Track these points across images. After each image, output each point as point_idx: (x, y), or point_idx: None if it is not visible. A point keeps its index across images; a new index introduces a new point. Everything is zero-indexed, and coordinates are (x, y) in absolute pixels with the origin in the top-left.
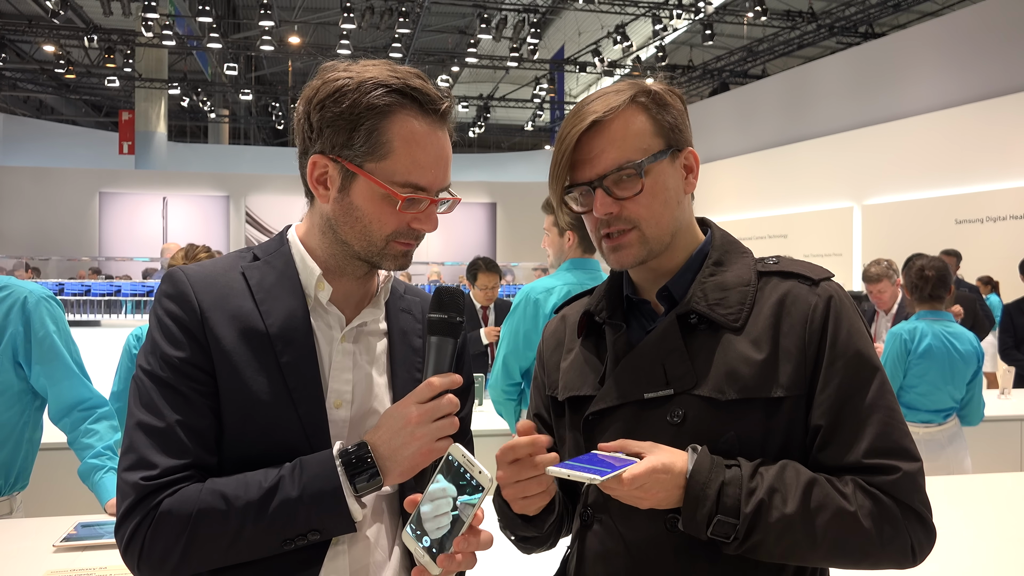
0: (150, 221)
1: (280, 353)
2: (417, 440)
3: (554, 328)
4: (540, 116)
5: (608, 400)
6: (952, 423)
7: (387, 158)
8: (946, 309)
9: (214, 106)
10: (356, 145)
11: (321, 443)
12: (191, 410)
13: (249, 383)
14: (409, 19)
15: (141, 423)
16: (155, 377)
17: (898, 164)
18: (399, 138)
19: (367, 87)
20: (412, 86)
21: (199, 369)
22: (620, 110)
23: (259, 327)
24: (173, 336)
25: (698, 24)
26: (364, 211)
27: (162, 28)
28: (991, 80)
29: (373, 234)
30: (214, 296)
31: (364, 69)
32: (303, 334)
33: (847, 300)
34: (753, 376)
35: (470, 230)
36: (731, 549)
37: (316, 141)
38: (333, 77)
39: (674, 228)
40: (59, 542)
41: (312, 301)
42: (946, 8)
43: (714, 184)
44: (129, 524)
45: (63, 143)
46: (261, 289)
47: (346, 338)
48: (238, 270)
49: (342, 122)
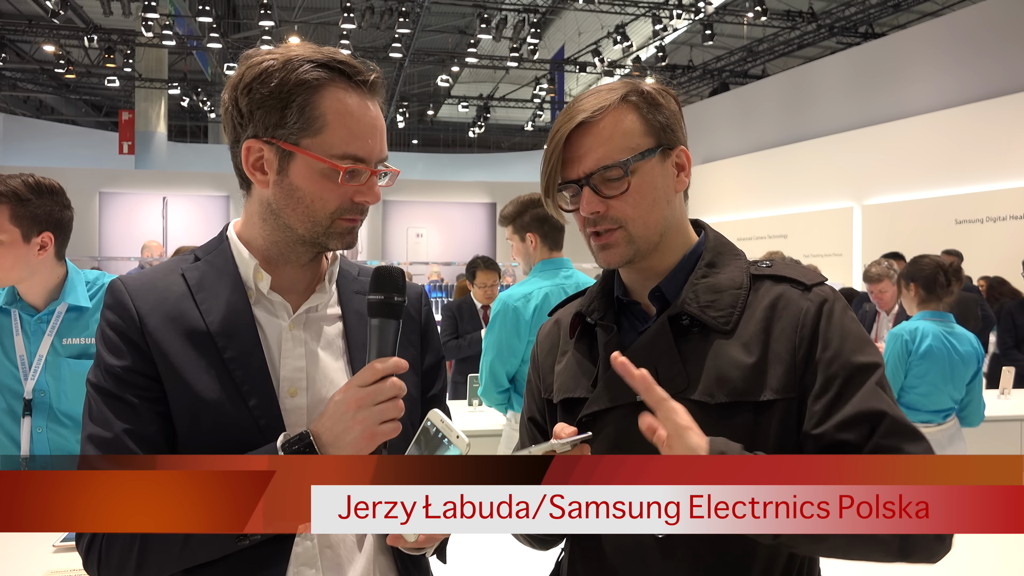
0: (150, 221)
1: (223, 349)
2: (359, 424)
3: (548, 331)
4: (540, 116)
5: (601, 403)
6: (951, 423)
7: (322, 132)
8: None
9: (214, 106)
10: (289, 123)
11: (275, 434)
12: (137, 418)
13: (194, 383)
14: (409, 19)
15: (91, 436)
16: (100, 389)
17: (898, 164)
18: (332, 111)
19: (294, 64)
20: (338, 59)
21: (142, 375)
22: (610, 109)
23: (199, 326)
24: (114, 346)
25: (698, 24)
26: (305, 190)
27: (162, 28)
28: (991, 80)
29: (317, 213)
30: (152, 301)
31: (288, 50)
32: (245, 327)
33: (840, 304)
34: (743, 379)
35: (470, 230)
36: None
37: (248, 126)
38: (258, 60)
39: (663, 228)
40: (59, 542)
41: (254, 293)
42: (946, 8)
43: (714, 184)
44: (85, 537)
45: (63, 143)
46: (200, 288)
47: (294, 325)
48: (178, 272)
49: (272, 101)
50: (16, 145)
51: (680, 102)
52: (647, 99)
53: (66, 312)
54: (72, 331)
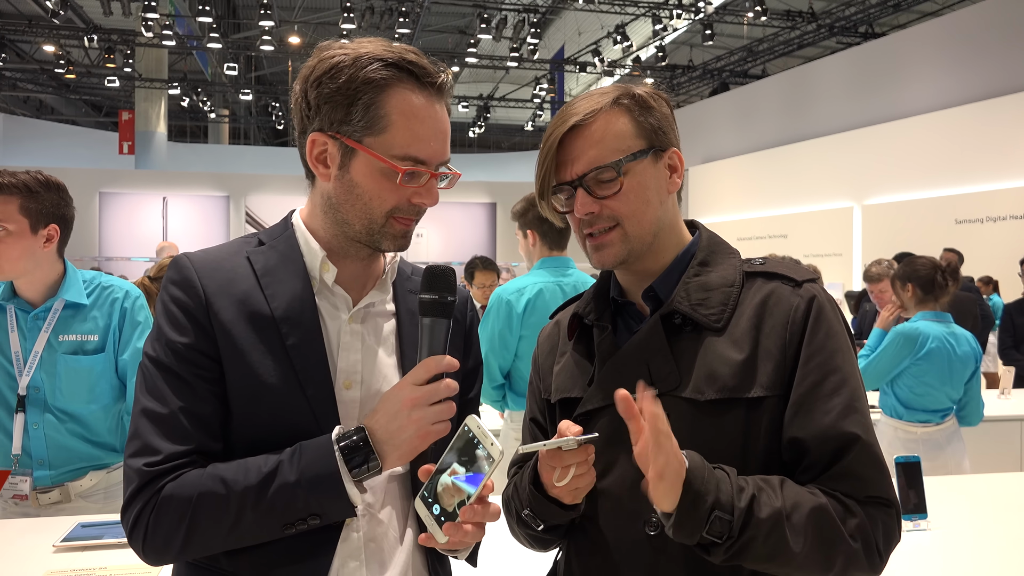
0: (150, 221)
1: (286, 336)
2: (414, 424)
3: (548, 333)
4: (540, 116)
5: (595, 401)
6: (950, 423)
7: (386, 132)
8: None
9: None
10: (354, 120)
11: (330, 424)
12: (194, 396)
13: (255, 367)
14: (409, 19)
15: (145, 410)
16: (159, 364)
17: (898, 164)
18: (397, 111)
19: (363, 62)
20: (408, 60)
21: (203, 355)
22: (601, 112)
23: (264, 311)
24: (177, 322)
25: (698, 24)
26: (364, 187)
27: (162, 28)
28: (991, 80)
29: (373, 211)
30: (219, 281)
31: (360, 46)
32: (309, 316)
33: (828, 302)
34: (732, 376)
35: (470, 230)
36: (720, 553)
37: (314, 119)
38: (329, 55)
39: (656, 227)
40: (59, 542)
41: (317, 283)
42: (946, 8)
43: (714, 184)
44: (133, 509)
45: (63, 143)
46: (266, 273)
47: (353, 319)
48: (243, 255)
49: (339, 97)
50: (16, 145)
51: (672, 105)
52: (639, 102)
53: (63, 308)
54: (69, 327)
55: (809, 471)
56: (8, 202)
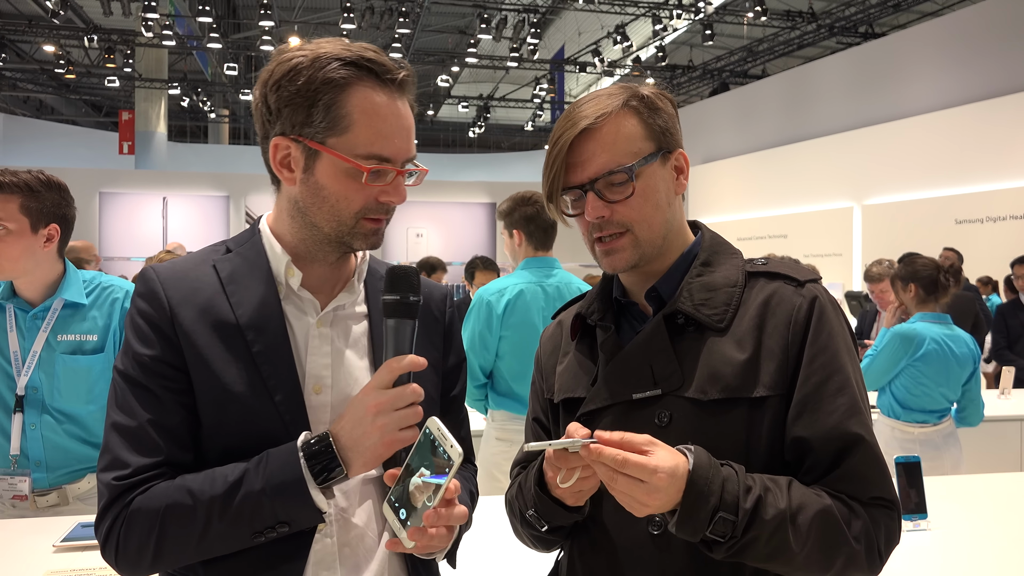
0: (150, 221)
1: (252, 342)
2: (378, 430)
3: (551, 333)
4: (540, 116)
5: (598, 401)
6: (947, 423)
7: (348, 131)
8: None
9: (214, 106)
10: (316, 121)
11: (300, 430)
12: (162, 408)
13: (221, 375)
14: (409, 19)
15: (115, 423)
16: (127, 377)
17: (898, 164)
18: (358, 110)
19: (322, 62)
20: (367, 58)
21: (169, 366)
22: (612, 115)
23: (229, 318)
24: (143, 335)
25: (698, 24)
26: (330, 189)
27: (162, 28)
28: (991, 80)
29: (341, 212)
30: (183, 291)
31: (318, 46)
32: (275, 322)
33: (831, 303)
34: (735, 376)
35: (470, 230)
36: (722, 550)
37: (276, 123)
38: (287, 57)
39: (665, 230)
40: (59, 542)
41: (284, 288)
42: (946, 8)
43: (714, 184)
44: (105, 523)
45: (63, 143)
46: (231, 280)
47: (322, 323)
48: (210, 263)
49: (300, 99)
50: (16, 145)
51: (676, 103)
52: (647, 104)
53: (62, 308)
54: (68, 327)
55: (812, 471)
56: (9, 201)
